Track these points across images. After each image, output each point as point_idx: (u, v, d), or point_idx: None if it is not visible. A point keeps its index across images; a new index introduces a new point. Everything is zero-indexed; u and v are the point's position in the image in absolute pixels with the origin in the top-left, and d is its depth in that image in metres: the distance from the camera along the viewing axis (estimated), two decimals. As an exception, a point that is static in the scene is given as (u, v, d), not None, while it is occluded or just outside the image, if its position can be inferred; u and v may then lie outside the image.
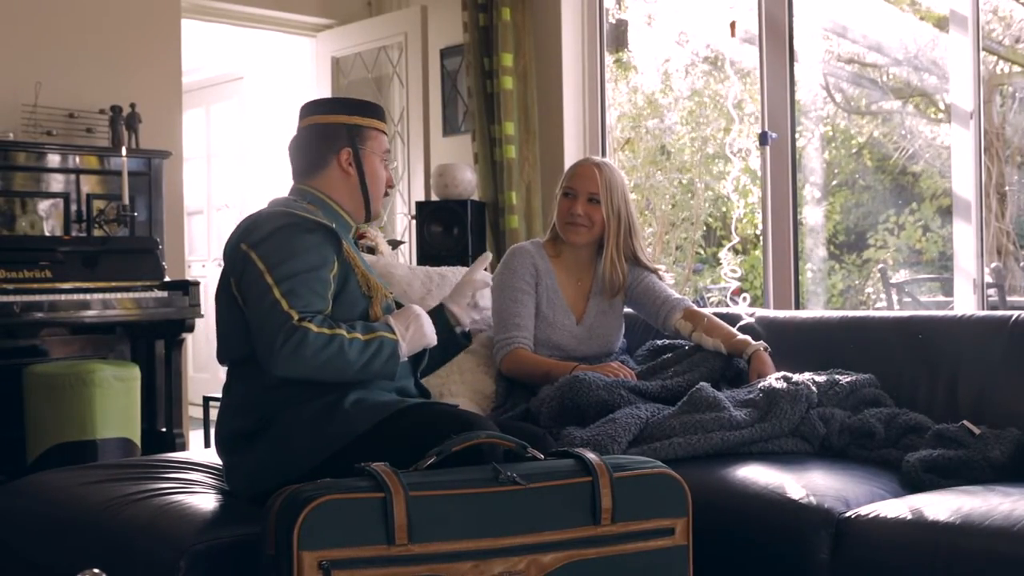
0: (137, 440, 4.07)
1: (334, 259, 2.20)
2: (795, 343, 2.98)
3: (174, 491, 2.21)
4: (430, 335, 2.27)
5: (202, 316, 4.48)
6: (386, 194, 2.46)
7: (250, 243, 2.17)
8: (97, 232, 4.47)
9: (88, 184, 4.50)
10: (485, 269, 2.50)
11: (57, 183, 4.45)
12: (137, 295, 4.25)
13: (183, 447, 4.35)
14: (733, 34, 4.16)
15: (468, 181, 4.86)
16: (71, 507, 2.24)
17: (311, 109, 2.42)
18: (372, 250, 3.38)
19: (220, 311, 2.27)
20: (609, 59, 5.26)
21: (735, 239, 4.23)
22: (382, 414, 2.15)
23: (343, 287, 2.23)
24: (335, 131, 2.36)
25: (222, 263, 2.30)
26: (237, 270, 2.19)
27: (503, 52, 4.70)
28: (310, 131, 2.38)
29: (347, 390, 2.18)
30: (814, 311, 3.71)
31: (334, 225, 2.27)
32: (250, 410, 2.21)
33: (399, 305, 2.37)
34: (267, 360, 2.09)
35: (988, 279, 3.92)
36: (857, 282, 6.07)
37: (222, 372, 6.79)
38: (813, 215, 5.98)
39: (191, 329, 4.42)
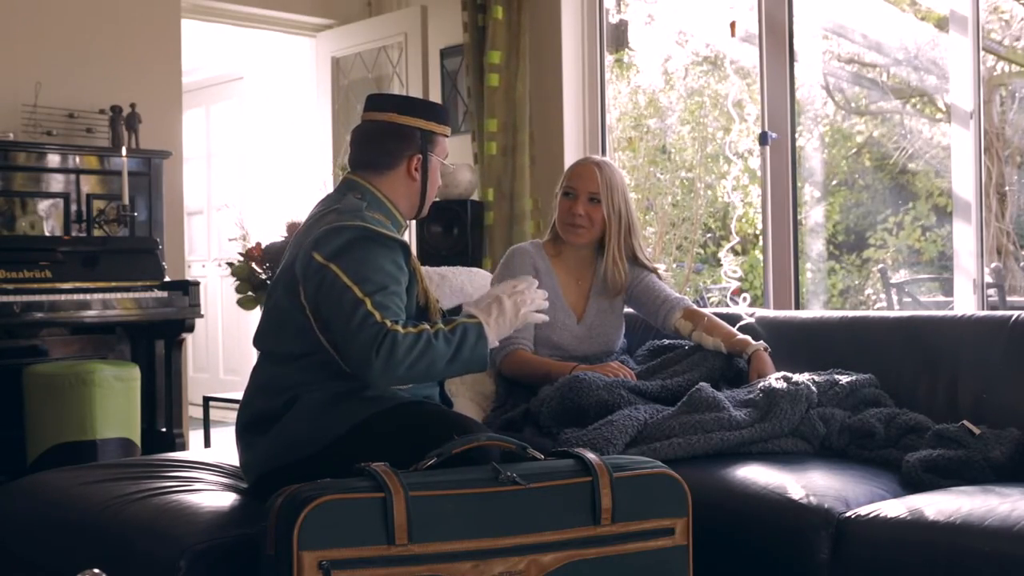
0: (137, 440, 4.07)
1: (407, 271, 2.22)
2: (795, 343, 2.98)
3: (174, 491, 2.22)
4: (512, 314, 2.24)
5: (202, 316, 4.48)
6: None
7: (326, 255, 2.15)
8: (97, 232, 4.47)
9: (88, 184, 4.50)
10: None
11: (57, 183, 4.44)
12: (137, 295, 4.25)
13: (183, 447, 4.35)
14: (733, 34, 4.16)
15: (468, 181, 4.86)
16: (71, 507, 2.24)
17: (385, 104, 2.38)
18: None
19: (273, 305, 2.27)
20: (609, 59, 5.26)
21: (735, 239, 4.23)
22: (376, 408, 2.16)
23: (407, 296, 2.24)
24: (409, 135, 2.34)
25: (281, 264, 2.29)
26: (312, 281, 2.16)
27: (491, 50, 4.70)
28: (384, 128, 2.35)
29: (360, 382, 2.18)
30: (814, 311, 3.71)
31: (398, 232, 2.28)
32: (278, 392, 2.22)
33: (443, 313, 2.36)
34: (364, 371, 2.10)
35: (988, 279, 3.92)
36: (857, 282, 6.06)
37: (222, 372, 6.78)
38: (813, 215, 5.98)
39: (191, 329, 4.42)
